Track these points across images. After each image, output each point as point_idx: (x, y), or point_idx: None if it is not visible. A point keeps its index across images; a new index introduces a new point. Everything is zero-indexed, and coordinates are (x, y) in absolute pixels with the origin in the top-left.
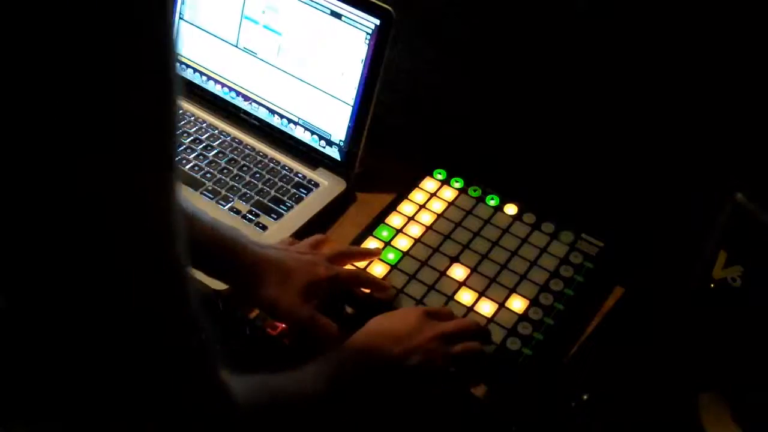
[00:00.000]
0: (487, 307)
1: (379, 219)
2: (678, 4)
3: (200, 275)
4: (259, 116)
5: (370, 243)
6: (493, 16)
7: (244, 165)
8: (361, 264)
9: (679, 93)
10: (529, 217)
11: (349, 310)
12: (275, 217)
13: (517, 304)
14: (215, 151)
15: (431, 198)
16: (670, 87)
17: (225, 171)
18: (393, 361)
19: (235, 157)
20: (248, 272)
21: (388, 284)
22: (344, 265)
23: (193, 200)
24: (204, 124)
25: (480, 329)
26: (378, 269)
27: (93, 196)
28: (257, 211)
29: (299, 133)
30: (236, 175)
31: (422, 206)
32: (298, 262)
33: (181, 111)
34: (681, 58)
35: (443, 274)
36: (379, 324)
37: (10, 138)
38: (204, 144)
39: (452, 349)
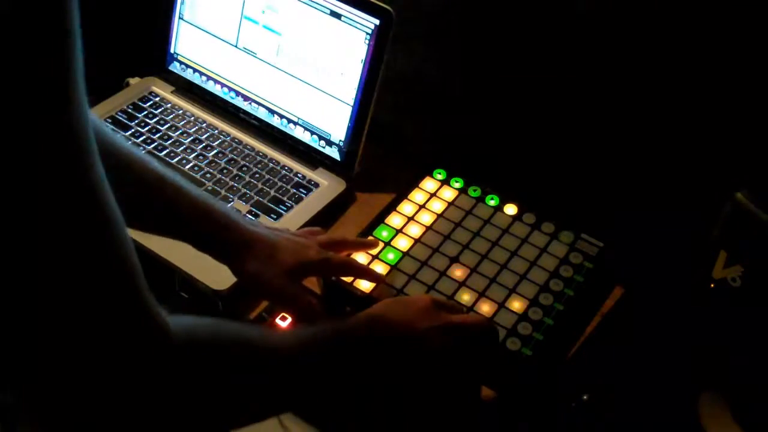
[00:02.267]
0: (487, 308)
1: (379, 219)
2: (678, 4)
3: (200, 275)
4: (258, 116)
5: None
6: (493, 16)
7: (243, 165)
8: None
9: (679, 93)
10: (529, 217)
11: (347, 309)
12: (275, 217)
13: (517, 304)
14: (215, 151)
15: (431, 198)
16: (670, 87)
17: (225, 171)
18: (395, 346)
19: (235, 157)
20: (235, 246)
21: (380, 275)
22: (337, 251)
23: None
24: (204, 124)
25: (489, 327)
26: (378, 269)
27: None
28: (257, 211)
29: (299, 133)
30: (236, 175)
31: (422, 206)
32: (288, 242)
33: (181, 111)
34: (681, 58)
35: (443, 274)
36: (387, 307)
37: None
38: (204, 144)
39: (465, 342)
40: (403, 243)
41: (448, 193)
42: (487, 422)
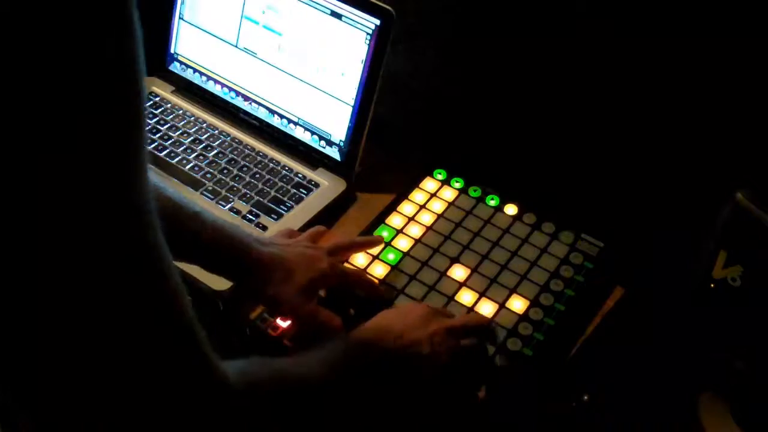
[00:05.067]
0: (487, 308)
1: (380, 219)
2: (677, 4)
3: (200, 275)
4: (259, 116)
5: None
6: (493, 15)
7: (244, 165)
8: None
9: (678, 93)
10: (529, 218)
11: (351, 311)
12: (275, 217)
13: (518, 304)
14: (215, 152)
15: (431, 198)
16: (670, 87)
17: (225, 171)
18: (399, 350)
19: (235, 157)
20: (252, 271)
21: (384, 290)
22: (345, 258)
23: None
24: (204, 124)
25: (485, 326)
26: (378, 269)
27: (57, 191)
28: (257, 211)
29: (299, 133)
30: (236, 175)
31: (422, 206)
32: (301, 258)
33: (181, 111)
34: (681, 57)
35: (444, 274)
36: (386, 316)
37: None
38: (204, 144)
39: (457, 344)
40: (403, 243)
41: (449, 194)
42: (486, 423)
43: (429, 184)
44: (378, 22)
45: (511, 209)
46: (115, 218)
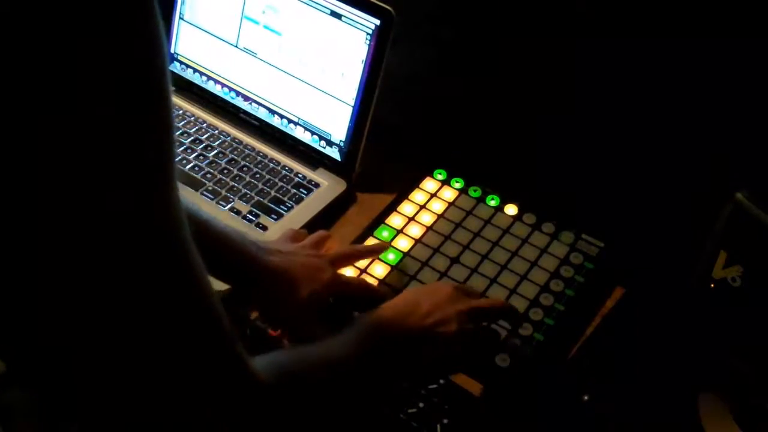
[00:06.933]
0: None
1: (380, 219)
2: (678, 4)
3: None
4: (259, 116)
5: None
6: (493, 15)
7: (244, 165)
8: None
9: (678, 93)
10: (529, 218)
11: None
12: (275, 217)
13: (518, 304)
14: (215, 152)
15: (431, 198)
16: (669, 87)
17: (225, 171)
18: (427, 328)
19: (235, 157)
20: (255, 282)
21: (384, 291)
22: (348, 265)
23: (193, 201)
24: (204, 124)
25: (511, 309)
26: (378, 269)
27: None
28: (257, 211)
29: (299, 133)
30: (236, 175)
31: (422, 206)
32: (304, 269)
33: (181, 111)
34: (681, 57)
35: (444, 274)
36: (414, 293)
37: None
38: (204, 144)
39: (481, 326)
40: (403, 243)
41: (449, 194)
42: (485, 422)
43: (429, 184)
44: (378, 22)
45: (511, 209)
46: (148, 215)
